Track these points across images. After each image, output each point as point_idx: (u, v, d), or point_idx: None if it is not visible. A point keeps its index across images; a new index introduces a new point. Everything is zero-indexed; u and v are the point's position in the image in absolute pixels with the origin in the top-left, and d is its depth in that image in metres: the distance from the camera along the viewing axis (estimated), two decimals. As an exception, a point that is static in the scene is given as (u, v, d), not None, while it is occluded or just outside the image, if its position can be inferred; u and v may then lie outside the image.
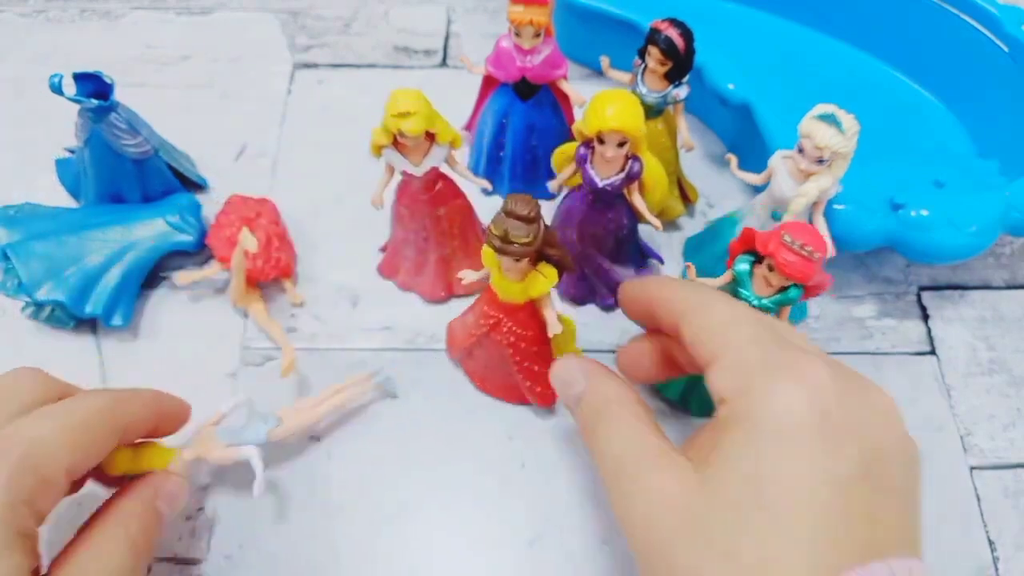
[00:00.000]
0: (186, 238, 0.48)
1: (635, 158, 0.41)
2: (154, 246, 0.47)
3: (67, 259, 0.46)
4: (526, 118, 0.49)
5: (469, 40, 0.62)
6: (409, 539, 0.41)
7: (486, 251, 0.37)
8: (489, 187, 0.48)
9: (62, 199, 0.52)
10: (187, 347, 0.47)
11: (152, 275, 0.49)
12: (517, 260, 0.35)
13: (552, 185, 0.46)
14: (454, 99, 0.48)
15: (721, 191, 0.54)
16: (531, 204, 0.33)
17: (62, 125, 0.47)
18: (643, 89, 0.45)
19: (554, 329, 0.38)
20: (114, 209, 0.49)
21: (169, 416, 0.37)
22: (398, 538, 0.41)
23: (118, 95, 0.45)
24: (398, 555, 0.41)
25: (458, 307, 0.47)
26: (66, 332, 0.47)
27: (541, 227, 0.34)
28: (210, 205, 0.51)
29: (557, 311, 0.38)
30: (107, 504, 0.34)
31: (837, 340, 0.48)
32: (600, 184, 0.41)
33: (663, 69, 0.44)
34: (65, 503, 0.33)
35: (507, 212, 0.33)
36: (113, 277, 0.46)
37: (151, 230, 0.47)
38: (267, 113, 0.58)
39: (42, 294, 0.45)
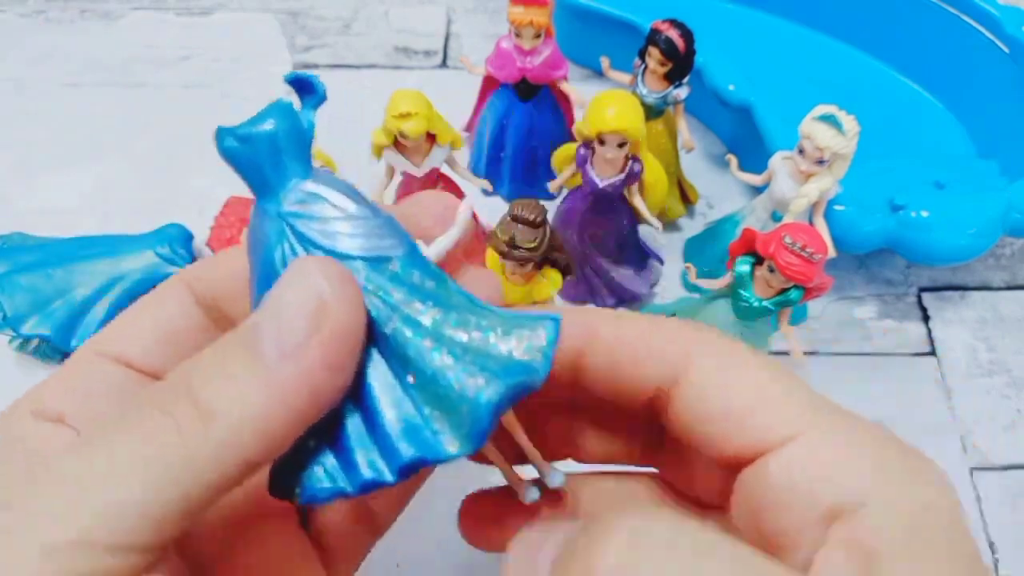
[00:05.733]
0: (176, 271, 0.46)
1: (635, 159, 0.41)
2: (143, 279, 0.45)
3: (54, 292, 0.44)
4: (526, 119, 0.49)
5: (469, 41, 0.62)
6: (408, 536, 0.41)
7: (490, 255, 0.37)
8: (489, 188, 0.48)
9: (61, 201, 0.52)
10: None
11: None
12: (523, 264, 0.35)
13: (552, 186, 0.46)
14: (454, 100, 0.48)
15: (721, 192, 0.54)
16: (538, 209, 0.33)
17: (62, 125, 0.47)
18: (643, 90, 0.45)
19: None
20: (102, 241, 0.47)
21: None
22: (397, 534, 0.41)
23: (118, 95, 0.45)
24: (397, 551, 0.41)
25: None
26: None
27: (547, 232, 0.34)
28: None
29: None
30: None
31: (837, 341, 0.48)
32: (600, 185, 0.41)
33: (663, 70, 0.44)
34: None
35: (514, 217, 0.33)
36: (101, 311, 0.44)
37: (140, 262, 0.45)
38: (267, 113, 0.58)
39: (27, 328, 0.43)
